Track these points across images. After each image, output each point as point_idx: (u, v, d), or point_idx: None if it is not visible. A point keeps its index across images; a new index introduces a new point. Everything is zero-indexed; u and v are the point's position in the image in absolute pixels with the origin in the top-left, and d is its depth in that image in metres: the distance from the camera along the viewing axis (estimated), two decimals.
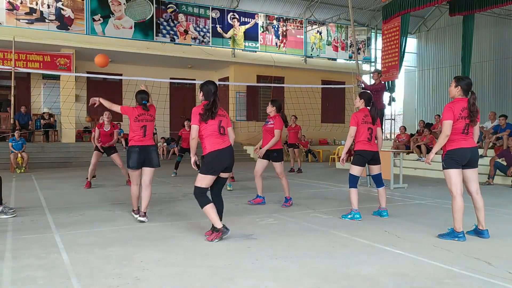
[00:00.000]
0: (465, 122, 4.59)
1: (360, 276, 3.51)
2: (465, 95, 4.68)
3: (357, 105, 6.03)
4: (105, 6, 15.88)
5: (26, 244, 4.46)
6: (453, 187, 4.62)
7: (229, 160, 4.62)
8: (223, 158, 4.55)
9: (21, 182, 10.04)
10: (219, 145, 4.54)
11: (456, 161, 4.61)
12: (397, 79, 15.67)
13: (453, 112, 4.57)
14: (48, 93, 15.68)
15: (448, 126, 4.56)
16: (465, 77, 4.79)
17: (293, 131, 12.84)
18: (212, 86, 4.64)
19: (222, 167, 4.58)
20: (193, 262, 3.89)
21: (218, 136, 4.56)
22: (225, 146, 4.58)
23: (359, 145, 5.82)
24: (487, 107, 18.59)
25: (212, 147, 4.52)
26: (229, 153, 4.62)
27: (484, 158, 11.28)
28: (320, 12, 20.06)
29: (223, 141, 4.59)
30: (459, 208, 4.58)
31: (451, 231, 4.65)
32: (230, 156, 4.62)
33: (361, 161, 5.86)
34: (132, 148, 5.61)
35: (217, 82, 19.29)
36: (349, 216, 5.79)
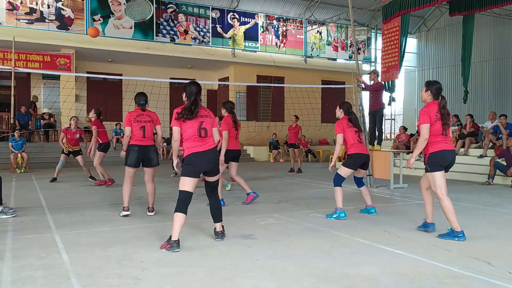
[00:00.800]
0: (441, 123, 4.66)
1: (360, 276, 3.51)
2: (435, 99, 4.77)
3: (337, 114, 6.15)
4: (105, 6, 15.89)
5: (26, 244, 4.46)
6: (438, 189, 4.64)
7: (209, 164, 4.44)
8: (202, 161, 4.39)
9: (21, 182, 10.04)
10: (197, 148, 4.38)
11: (440, 164, 4.66)
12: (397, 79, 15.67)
13: (429, 115, 4.64)
14: (48, 93, 15.68)
15: (425, 130, 4.63)
16: (435, 81, 4.89)
17: (293, 131, 12.84)
18: (194, 87, 4.55)
19: (200, 170, 4.43)
20: (193, 262, 3.89)
21: (197, 139, 4.40)
22: (204, 149, 4.40)
23: (352, 148, 5.91)
24: (487, 107, 18.61)
25: (190, 150, 4.39)
26: (209, 156, 4.44)
27: (484, 158, 11.29)
28: (320, 12, 20.06)
29: (202, 143, 4.42)
30: (450, 208, 4.61)
31: (451, 231, 4.67)
32: (210, 159, 4.44)
33: (354, 164, 5.95)
34: (132, 147, 5.73)
35: (217, 82, 19.37)
36: (334, 216, 5.82)
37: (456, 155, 11.41)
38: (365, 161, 6.03)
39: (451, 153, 4.73)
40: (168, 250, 4.21)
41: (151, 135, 5.89)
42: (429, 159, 4.69)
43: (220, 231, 4.66)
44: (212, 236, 4.77)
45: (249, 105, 19.26)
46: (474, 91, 18.58)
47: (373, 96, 10.00)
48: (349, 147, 5.93)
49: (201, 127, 4.44)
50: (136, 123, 5.75)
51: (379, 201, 7.42)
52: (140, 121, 5.77)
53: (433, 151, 4.66)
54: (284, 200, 7.48)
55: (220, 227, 4.68)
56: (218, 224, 4.68)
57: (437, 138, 4.66)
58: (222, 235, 4.65)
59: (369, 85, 10.29)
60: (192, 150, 4.39)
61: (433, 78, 21.64)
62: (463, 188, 9.21)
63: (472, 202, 7.28)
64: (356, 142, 5.91)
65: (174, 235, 4.28)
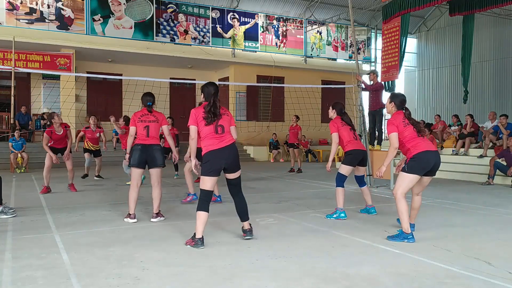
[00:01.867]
0: (412, 127, 4.66)
1: (360, 276, 3.51)
2: (399, 110, 4.84)
3: (330, 115, 6.17)
4: (105, 6, 15.88)
5: (26, 244, 4.46)
6: (400, 189, 4.59)
7: (227, 160, 4.44)
8: (219, 157, 4.40)
9: (21, 182, 10.04)
10: (214, 145, 4.40)
11: (422, 167, 4.56)
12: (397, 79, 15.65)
13: (395, 124, 4.67)
14: (48, 93, 15.68)
15: (394, 138, 4.65)
16: (399, 94, 5.05)
17: (293, 131, 12.84)
18: (212, 88, 4.59)
19: (219, 167, 4.43)
20: (193, 262, 3.89)
21: (215, 137, 4.43)
22: (222, 146, 4.42)
23: (349, 145, 5.94)
24: (487, 107, 18.60)
25: (207, 148, 4.41)
26: (227, 152, 4.44)
27: (484, 158, 11.29)
28: (320, 12, 20.06)
29: (219, 141, 4.43)
30: (405, 210, 4.58)
31: (401, 233, 4.62)
32: (227, 156, 4.45)
33: (352, 161, 5.96)
34: (135, 147, 5.65)
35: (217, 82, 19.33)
36: (335, 216, 5.83)
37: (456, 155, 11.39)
38: (363, 157, 6.05)
39: (434, 154, 4.61)
40: (193, 247, 4.31)
41: (155, 135, 5.79)
42: (410, 161, 4.59)
43: (248, 229, 4.68)
44: (212, 236, 4.77)
45: (249, 105, 19.26)
46: (474, 91, 18.58)
47: (373, 96, 10.01)
48: (346, 145, 5.95)
49: (218, 124, 4.46)
50: (140, 123, 5.69)
51: (379, 201, 7.42)
52: (144, 120, 5.71)
53: (415, 153, 4.56)
54: (284, 200, 7.48)
55: (248, 225, 4.69)
56: (246, 222, 4.69)
57: (416, 141, 4.61)
58: (251, 232, 4.67)
59: (369, 85, 10.29)
60: (209, 148, 4.41)
61: (433, 78, 21.68)
62: (463, 188, 9.21)
63: (472, 202, 7.28)
64: (352, 139, 5.95)
65: (198, 233, 4.35)
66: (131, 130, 5.71)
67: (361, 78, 9.98)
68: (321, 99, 19.22)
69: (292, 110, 14.39)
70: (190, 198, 7.14)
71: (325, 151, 18.36)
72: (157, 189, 5.69)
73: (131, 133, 5.71)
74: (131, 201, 5.62)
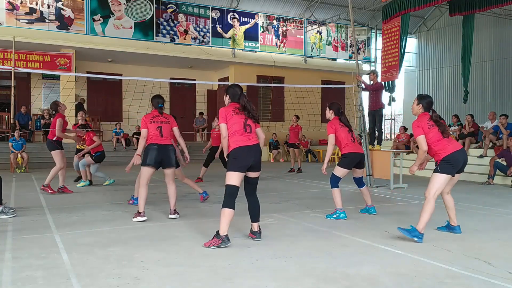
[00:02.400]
0: (437, 129, 4.67)
1: (360, 276, 3.51)
2: (426, 111, 4.83)
3: (327, 116, 6.14)
4: (105, 6, 15.87)
5: (26, 244, 4.46)
6: (433, 190, 4.61)
7: (255, 158, 4.50)
8: (248, 154, 4.45)
9: (21, 182, 10.04)
10: (243, 142, 4.46)
11: (453, 167, 4.64)
12: (397, 79, 15.67)
13: (421, 126, 4.67)
14: (48, 93, 15.67)
15: (423, 141, 4.65)
16: (426, 95, 4.96)
17: (294, 131, 12.85)
18: (238, 89, 4.70)
19: (246, 164, 4.45)
20: (193, 262, 3.88)
21: (244, 134, 4.49)
22: (251, 144, 4.48)
23: (346, 148, 5.90)
24: (487, 107, 18.60)
25: (236, 144, 4.46)
26: (255, 150, 4.51)
27: (484, 158, 11.29)
28: (320, 12, 20.06)
29: (248, 138, 4.49)
30: (430, 212, 4.59)
31: (413, 229, 4.61)
32: (255, 153, 4.51)
33: (348, 164, 5.94)
34: (151, 146, 5.68)
35: (217, 82, 19.35)
36: (335, 216, 5.81)
37: None
38: (360, 160, 6.02)
39: (461, 152, 4.70)
40: (220, 246, 4.30)
41: (168, 135, 5.84)
42: (442, 162, 4.64)
43: (258, 230, 4.70)
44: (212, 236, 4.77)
45: None
46: (474, 91, 18.58)
47: (373, 96, 10.01)
48: (343, 147, 5.92)
49: (246, 123, 4.54)
50: (153, 124, 5.72)
51: (379, 201, 7.42)
52: (156, 121, 5.75)
53: (445, 155, 4.62)
54: (284, 200, 7.48)
55: (257, 227, 4.71)
56: (255, 224, 4.71)
57: (443, 142, 4.64)
58: (260, 234, 4.69)
59: (369, 85, 10.30)
60: (238, 144, 4.44)
61: (433, 78, 21.67)
62: (463, 188, 9.21)
63: (472, 202, 7.28)
64: (350, 142, 5.90)
65: (222, 230, 4.33)
66: (143, 132, 5.73)
67: (361, 78, 9.98)
68: (321, 99, 19.21)
69: (292, 110, 14.39)
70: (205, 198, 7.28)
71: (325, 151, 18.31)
72: (172, 186, 5.84)
73: (143, 135, 5.72)
74: (141, 198, 5.68)
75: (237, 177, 4.44)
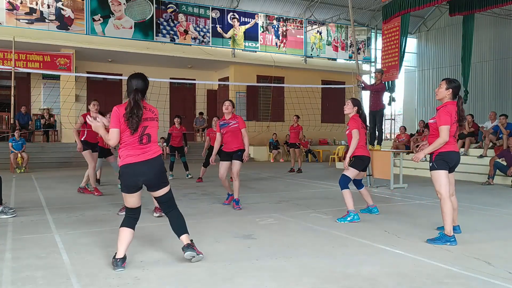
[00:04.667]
0: (456, 126, 4.63)
1: (360, 276, 3.51)
2: (454, 99, 4.66)
3: (348, 111, 5.92)
4: (105, 6, 15.88)
5: (26, 244, 4.46)
6: (443, 188, 4.55)
7: (144, 176, 3.64)
8: (138, 172, 3.63)
9: (21, 182, 10.03)
10: (135, 158, 3.62)
11: (447, 163, 4.62)
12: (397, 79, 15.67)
13: (451, 116, 4.52)
14: (48, 93, 15.68)
15: (446, 132, 4.48)
16: (454, 79, 4.77)
17: (295, 131, 12.86)
18: (135, 81, 3.71)
19: (135, 184, 3.65)
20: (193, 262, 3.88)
21: (137, 147, 3.65)
22: (144, 159, 3.63)
23: (359, 150, 5.81)
24: (487, 107, 18.60)
25: (125, 161, 3.63)
26: (148, 167, 3.65)
27: (484, 158, 11.29)
28: (320, 12, 20.06)
29: (142, 152, 3.65)
30: (451, 211, 4.53)
31: (442, 235, 4.54)
32: (147, 171, 3.65)
33: (361, 165, 5.89)
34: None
35: (217, 82, 19.34)
36: (349, 219, 5.62)
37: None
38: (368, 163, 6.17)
39: (457, 154, 4.72)
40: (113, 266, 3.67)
41: None
42: (437, 158, 4.61)
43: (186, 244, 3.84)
44: (212, 236, 4.77)
45: (249, 105, 19.25)
46: (474, 91, 18.58)
47: (374, 97, 10.01)
48: (358, 148, 5.79)
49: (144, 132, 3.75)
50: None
51: (379, 201, 7.42)
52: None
53: (443, 150, 4.59)
54: (284, 200, 7.48)
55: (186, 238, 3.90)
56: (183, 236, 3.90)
57: (450, 140, 4.60)
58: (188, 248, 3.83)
59: (369, 85, 10.29)
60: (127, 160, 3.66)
61: (433, 78, 21.66)
62: (463, 188, 9.20)
63: (472, 202, 7.27)
64: (364, 144, 5.90)
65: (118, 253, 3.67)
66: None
67: (361, 78, 9.98)
68: (321, 99, 19.22)
69: (292, 110, 14.39)
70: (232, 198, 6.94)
71: (325, 151, 18.34)
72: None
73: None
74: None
75: (130, 198, 3.68)
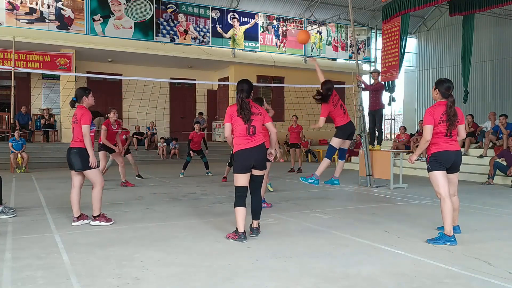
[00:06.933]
0: (446, 125, 4.58)
1: (360, 276, 3.51)
2: (444, 98, 4.65)
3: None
4: (105, 6, 15.88)
5: (26, 244, 4.46)
6: (441, 188, 4.55)
7: (254, 159, 4.59)
8: (249, 156, 4.57)
9: (21, 182, 10.04)
10: (244, 145, 4.58)
11: (441, 163, 4.60)
12: (397, 79, 15.67)
13: (433, 116, 4.57)
14: (48, 93, 15.68)
15: (428, 131, 4.56)
16: (445, 80, 4.75)
17: (295, 131, 12.87)
18: (240, 85, 4.68)
19: (248, 164, 4.59)
20: (193, 262, 3.88)
21: (245, 137, 4.59)
22: (251, 146, 4.58)
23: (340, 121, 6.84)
24: (487, 107, 18.59)
25: (238, 147, 4.61)
26: (255, 153, 4.59)
27: (484, 158, 11.28)
28: (320, 12, 20.05)
29: (249, 141, 4.59)
30: (450, 210, 4.52)
31: (442, 235, 4.54)
32: (255, 155, 4.60)
33: (343, 134, 6.76)
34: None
35: (217, 82, 19.34)
36: (310, 181, 6.35)
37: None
38: (352, 133, 6.77)
39: (455, 153, 4.64)
40: (236, 240, 4.52)
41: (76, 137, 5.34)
42: (430, 159, 4.64)
43: (255, 227, 4.81)
44: (212, 236, 4.77)
45: None
46: (474, 91, 18.57)
47: (373, 96, 10.01)
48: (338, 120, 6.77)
49: (250, 124, 4.61)
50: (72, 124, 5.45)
51: (379, 201, 7.43)
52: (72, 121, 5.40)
53: (435, 151, 4.60)
54: (284, 200, 7.48)
55: (256, 224, 4.81)
56: (255, 221, 4.82)
57: (440, 139, 4.59)
58: (257, 231, 4.81)
59: (369, 85, 10.29)
60: (240, 146, 4.61)
61: (433, 78, 21.64)
62: (463, 188, 9.19)
63: (472, 202, 7.27)
64: (343, 114, 6.81)
65: (239, 227, 4.58)
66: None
67: (361, 78, 9.98)
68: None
69: (292, 110, 14.38)
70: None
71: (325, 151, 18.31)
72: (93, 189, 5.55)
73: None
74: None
75: (242, 178, 4.62)
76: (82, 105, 5.40)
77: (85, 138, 5.22)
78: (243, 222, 4.55)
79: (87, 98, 5.41)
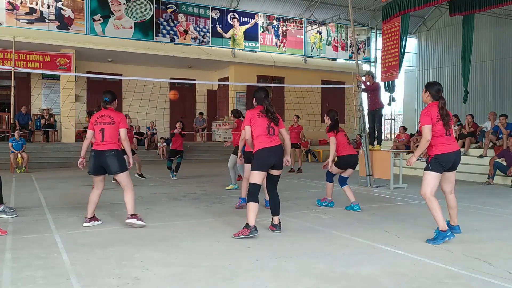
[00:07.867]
0: (442, 125, 4.62)
1: (360, 276, 3.51)
2: (435, 100, 4.73)
3: (327, 121, 6.55)
4: (105, 6, 15.88)
5: (26, 244, 4.46)
6: (429, 189, 4.59)
7: (275, 158, 4.87)
8: (270, 155, 4.83)
9: (21, 182, 10.03)
10: (266, 143, 4.83)
11: (442, 166, 4.63)
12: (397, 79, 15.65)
13: (430, 116, 4.61)
14: (48, 93, 15.68)
15: (427, 131, 4.60)
16: (434, 82, 4.86)
17: (295, 131, 12.88)
18: (262, 92, 5.10)
19: (269, 163, 4.86)
20: (193, 262, 3.88)
21: (267, 136, 4.87)
22: (272, 145, 4.85)
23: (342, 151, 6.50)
24: (487, 107, 18.59)
25: (260, 146, 4.84)
26: (275, 152, 4.87)
27: (484, 158, 11.28)
28: (320, 12, 20.06)
29: (270, 140, 4.87)
30: (437, 206, 4.56)
31: (439, 233, 4.55)
32: (276, 154, 4.87)
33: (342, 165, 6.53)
34: (91, 152, 5.30)
35: (217, 82, 19.34)
36: (324, 204, 6.60)
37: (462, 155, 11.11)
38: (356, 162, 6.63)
39: (455, 154, 4.68)
40: (248, 235, 4.66)
41: (111, 139, 5.24)
42: (432, 160, 4.64)
43: (277, 223, 5.07)
44: (212, 236, 4.78)
45: (249, 105, 19.22)
46: (474, 91, 18.56)
47: (371, 96, 10.00)
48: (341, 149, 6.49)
49: (270, 125, 4.93)
50: (97, 125, 5.25)
51: (379, 201, 7.43)
52: (100, 123, 5.24)
53: (437, 153, 4.61)
54: (284, 200, 7.44)
55: (277, 220, 5.08)
56: (275, 217, 5.09)
57: (442, 140, 4.61)
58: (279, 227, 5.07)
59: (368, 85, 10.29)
60: (262, 145, 4.85)
61: (433, 78, 21.63)
62: (463, 188, 9.20)
63: (472, 202, 7.27)
64: (347, 144, 6.51)
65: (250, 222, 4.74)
66: (88, 134, 5.37)
67: (361, 78, 9.98)
68: (321, 99, 19.22)
69: (292, 110, 14.38)
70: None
71: (325, 151, 18.33)
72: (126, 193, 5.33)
73: (87, 136, 5.39)
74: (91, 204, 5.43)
75: (259, 176, 4.87)
76: (113, 108, 5.44)
77: (125, 141, 5.34)
78: (255, 216, 4.72)
79: (115, 102, 5.56)
